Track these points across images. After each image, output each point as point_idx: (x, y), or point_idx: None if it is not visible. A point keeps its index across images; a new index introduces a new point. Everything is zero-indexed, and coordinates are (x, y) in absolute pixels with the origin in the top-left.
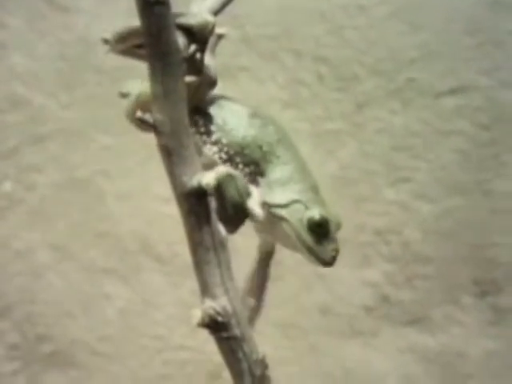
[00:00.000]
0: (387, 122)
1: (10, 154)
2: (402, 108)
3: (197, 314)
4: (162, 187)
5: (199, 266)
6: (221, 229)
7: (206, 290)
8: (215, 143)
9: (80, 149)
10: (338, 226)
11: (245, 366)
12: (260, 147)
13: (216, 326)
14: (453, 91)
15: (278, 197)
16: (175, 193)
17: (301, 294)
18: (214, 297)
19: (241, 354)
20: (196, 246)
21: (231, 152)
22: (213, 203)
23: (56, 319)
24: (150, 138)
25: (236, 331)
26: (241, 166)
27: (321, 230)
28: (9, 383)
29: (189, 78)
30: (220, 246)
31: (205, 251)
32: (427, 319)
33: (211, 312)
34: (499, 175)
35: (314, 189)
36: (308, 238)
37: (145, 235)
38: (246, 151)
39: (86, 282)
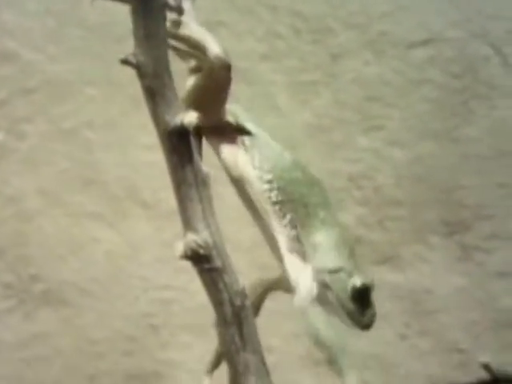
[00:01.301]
0: (360, 72)
1: (1, 105)
2: (374, 59)
3: (179, 247)
4: (147, 136)
5: (182, 202)
6: (203, 167)
7: (188, 225)
8: (268, 182)
9: (67, 100)
10: (373, 288)
11: (225, 296)
12: (305, 206)
13: (198, 258)
14: (424, 42)
15: (325, 262)
16: (158, 132)
17: None
18: (195, 231)
19: (222, 285)
20: (179, 184)
21: (280, 197)
22: (195, 142)
23: (47, 261)
24: (134, 89)
25: (217, 263)
26: (288, 216)
27: (363, 298)
28: (5, 320)
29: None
30: (202, 184)
31: (187, 188)
32: (398, 258)
33: (193, 245)
34: (468, 122)
35: (354, 254)
36: (350, 305)
37: (130, 182)
38: (293, 204)
39: (74, 226)
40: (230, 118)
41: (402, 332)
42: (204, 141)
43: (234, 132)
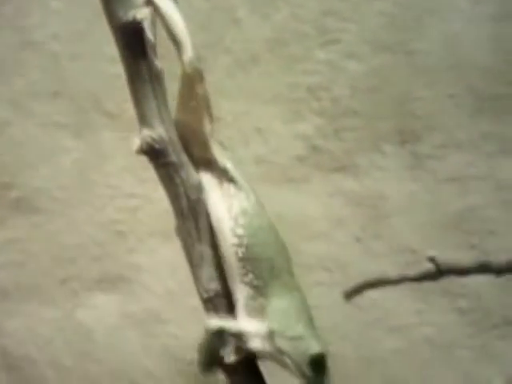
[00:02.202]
0: None
1: None
2: None
3: (136, 142)
4: (112, 48)
5: (137, 98)
6: (156, 62)
7: (143, 121)
8: (239, 237)
9: (33, 13)
10: (328, 355)
11: (181, 190)
12: (271, 268)
13: (153, 152)
14: None
15: (285, 328)
16: (112, 28)
17: (238, 147)
18: (151, 126)
19: (177, 180)
20: (133, 79)
21: (246, 255)
22: (148, 37)
23: (19, 169)
24: (99, 1)
25: (172, 158)
26: (251, 275)
27: (319, 365)
28: None
29: None
30: (156, 79)
31: (142, 84)
32: (353, 166)
33: (149, 140)
34: (421, 36)
35: (312, 321)
36: (307, 372)
37: (96, 93)
38: (258, 264)
39: (43, 136)
40: (218, 151)
41: (358, 235)
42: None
43: (218, 170)
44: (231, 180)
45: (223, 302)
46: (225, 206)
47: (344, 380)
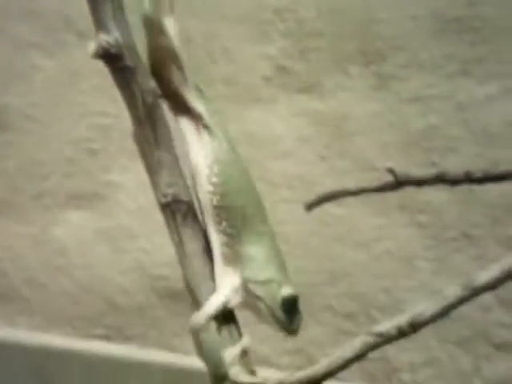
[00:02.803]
0: None
1: None
2: None
3: (91, 47)
4: None
5: (93, 2)
6: None
7: (99, 25)
8: (213, 185)
9: None
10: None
11: (138, 95)
12: (244, 216)
13: (109, 57)
14: None
15: (257, 274)
16: None
17: (207, 67)
18: (106, 31)
19: (134, 84)
20: None
21: (220, 203)
22: None
23: None
24: None
25: (128, 62)
26: (224, 223)
27: (291, 307)
28: None
29: None
30: None
31: None
32: (319, 86)
33: (104, 44)
34: None
35: (284, 266)
36: (280, 314)
37: (67, 13)
38: (232, 213)
39: (16, 55)
40: (193, 98)
41: (322, 153)
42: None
43: (195, 117)
44: (206, 127)
45: (181, 207)
46: (202, 154)
47: (309, 291)
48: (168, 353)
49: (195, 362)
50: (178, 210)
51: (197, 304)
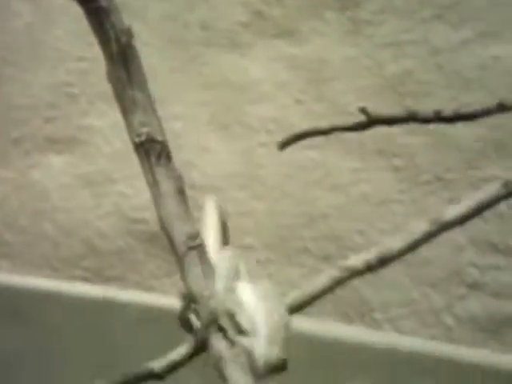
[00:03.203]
0: None
1: None
2: None
3: None
4: None
5: None
6: None
7: None
8: None
9: None
10: None
11: (111, 34)
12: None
13: None
14: None
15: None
16: None
17: (185, 12)
18: None
19: (108, 24)
20: None
21: None
22: None
23: None
24: None
25: (103, 2)
26: None
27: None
28: None
29: None
30: None
31: None
32: (295, 32)
33: None
34: None
35: None
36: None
37: None
38: None
39: None
40: None
41: (299, 98)
42: None
43: None
44: None
45: (155, 146)
46: None
47: (287, 233)
48: (146, 293)
49: (173, 302)
50: (152, 150)
51: (172, 244)
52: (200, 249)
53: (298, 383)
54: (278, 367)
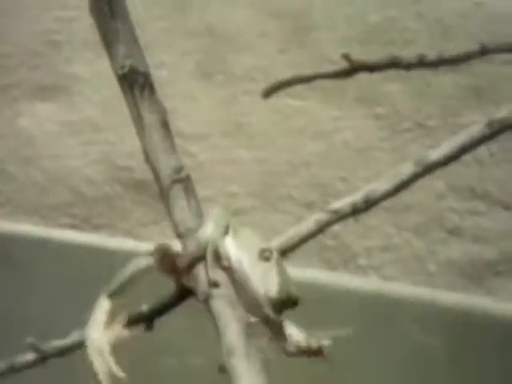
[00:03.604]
0: None
1: None
2: None
3: None
4: None
5: None
6: None
7: None
8: None
9: None
10: None
11: None
12: None
13: None
14: None
15: None
16: None
17: None
18: None
19: None
20: None
21: None
22: None
23: None
24: None
25: None
26: None
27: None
28: None
29: None
30: None
31: None
32: None
33: None
34: None
35: None
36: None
37: None
38: None
39: None
40: None
41: (283, 47)
42: None
43: None
44: None
45: (138, 78)
46: None
47: (270, 181)
48: (134, 241)
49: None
50: (136, 82)
51: (157, 177)
52: (185, 182)
53: None
54: (291, 302)
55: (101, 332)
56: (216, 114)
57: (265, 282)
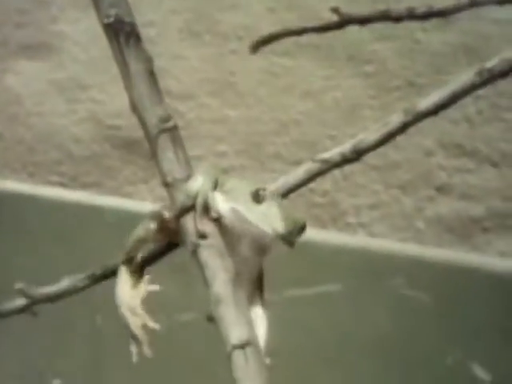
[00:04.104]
0: None
1: None
2: None
3: None
4: None
5: None
6: None
7: None
8: None
9: None
10: None
11: None
12: None
13: None
14: None
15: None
16: None
17: None
18: None
19: None
20: None
21: None
22: None
23: None
24: None
25: None
26: None
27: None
28: None
29: None
30: None
31: None
32: None
33: None
34: None
35: None
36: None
37: None
38: None
39: None
40: None
41: (271, 5)
42: None
43: None
44: None
45: (124, 27)
46: None
47: (259, 140)
48: (122, 199)
49: (148, 207)
50: (121, 30)
51: (144, 126)
52: (173, 132)
53: (272, 286)
54: (301, 228)
55: (129, 292)
56: (204, 73)
57: (268, 222)
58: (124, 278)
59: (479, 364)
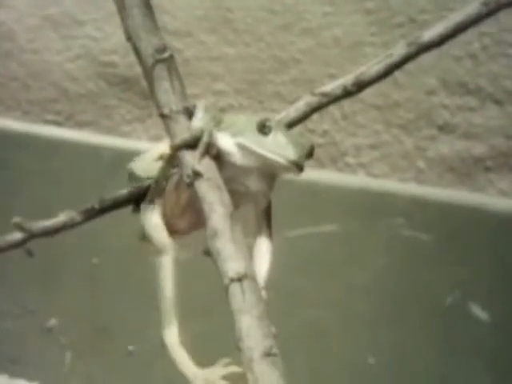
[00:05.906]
0: None
1: None
2: None
3: None
4: None
5: None
6: None
7: None
8: None
9: None
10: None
11: None
12: None
13: None
14: None
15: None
16: None
17: None
18: None
19: None
20: None
21: None
22: None
23: None
24: None
25: None
26: None
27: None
28: None
29: None
30: None
31: None
32: None
33: None
34: None
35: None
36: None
37: None
38: None
39: None
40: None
41: None
42: None
43: None
44: None
45: None
46: None
47: (258, 78)
48: (118, 138)
49: (143, 146)
50: None
51: (139, 57)
52: (169, 62)
53: (274, 226)
54: (310, 152)
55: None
56: (201, 10)
57: (278, 151)
58: (155, 214)
59: (478, 304)
